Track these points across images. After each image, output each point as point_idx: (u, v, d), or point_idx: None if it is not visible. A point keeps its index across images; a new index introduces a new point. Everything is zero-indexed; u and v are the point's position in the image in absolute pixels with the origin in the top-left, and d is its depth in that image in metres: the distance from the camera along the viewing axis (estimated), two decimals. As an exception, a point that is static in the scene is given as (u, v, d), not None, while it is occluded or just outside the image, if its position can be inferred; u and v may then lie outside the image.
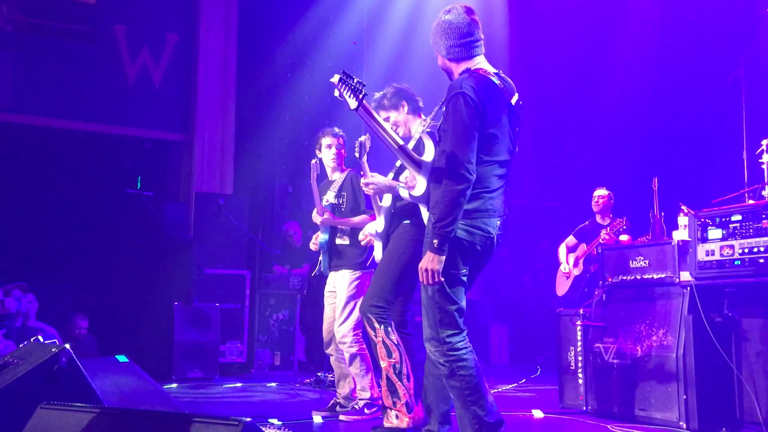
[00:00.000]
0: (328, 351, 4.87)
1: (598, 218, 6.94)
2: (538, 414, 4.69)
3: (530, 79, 8.83)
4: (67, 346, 2.74)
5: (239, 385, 6.56)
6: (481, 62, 3.16)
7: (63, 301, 7.47)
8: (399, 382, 3.73)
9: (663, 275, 4.40)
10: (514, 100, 3.16)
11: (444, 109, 3.14)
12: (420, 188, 3.29)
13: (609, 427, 4.27)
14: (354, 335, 4.57)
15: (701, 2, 7.64)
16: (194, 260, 7.23)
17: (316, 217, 4.76)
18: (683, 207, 4.41)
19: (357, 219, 4.66)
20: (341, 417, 4.61)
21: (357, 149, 3.99)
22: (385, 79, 4.19)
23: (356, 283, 4.64)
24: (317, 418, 4.59)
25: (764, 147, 4.28)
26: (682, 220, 4.41)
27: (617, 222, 6.51)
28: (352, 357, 4.58)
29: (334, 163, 4.89)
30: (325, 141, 4.88)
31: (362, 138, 4.04)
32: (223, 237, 7.61)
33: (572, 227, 7.16)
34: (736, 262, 3.93)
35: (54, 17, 7.88)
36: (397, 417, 3.74)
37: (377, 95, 4.06)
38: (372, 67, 8.86)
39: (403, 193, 3.38)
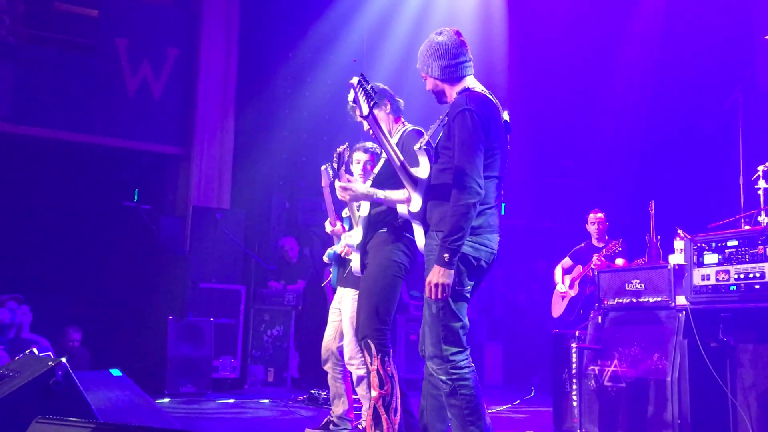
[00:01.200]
0: (325, 368, 4.83)
1: (594, 240, 6.96)
2: (532, 436, 4.68)
3: (528, 100, 8.90)
4: (64, 360, 2.73)
5: (232, 401, 6.53)
6: (471, 81, 3.24)
7: (57, 312, 7.43)
8: (385, 415, 3.65)
9: (658, 299, 4.41)
10: (506, 117, 3.25)
11: (443, 126, 3.18)
12: (416, 205, 3.25)
13: (603, 450, 4.26)
14: (362, 357, 4.52)
15: (699, 28, 7.72)
16: (189, 274, 7.22)
17: (329, 227, 4.73)
18: (679, 231, 4.43)
19: None
20: None
21: (335, 159, 3.98)
22: (384, 97, 4.17)
23: None
24: (310, 436, 4.57)
25: (760, 173, 4.32)
26: (678, 244, 4.44)
27: (612, 244, 6.52)
28: (360, 379, 4.50)
29: (361, 179, 4.85)
30: (356, 156, 4.81)
31: (340, 148, 4.02)
32: (219, 251, 7.61)
33: (568, 248, 7.18)
34: (731, 288, 3.95)
35: (56, 29, 7.92)
36: None
37: None
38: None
39: (401, 209, 3.32)
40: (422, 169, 3.26)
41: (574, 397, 4.87)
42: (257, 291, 7.76)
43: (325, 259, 4.86)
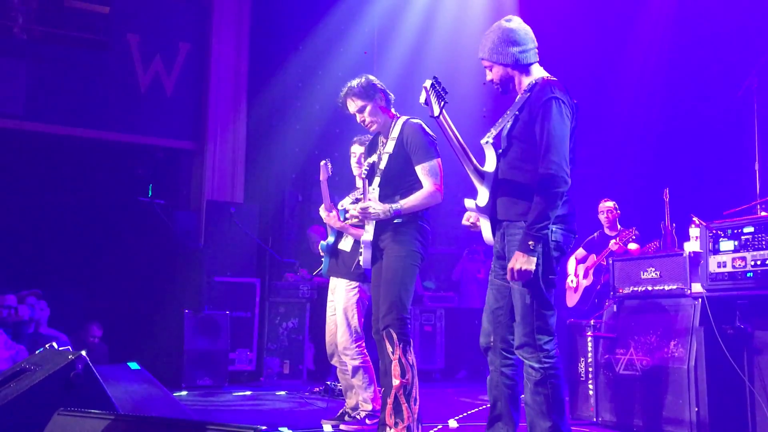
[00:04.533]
0: (332, 362, 4.85)
1: (606, 230, 6.92)
2: (548, 425, 4.67)
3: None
4: (83, 353, 2.76)
5: (248, 393, 6.57)
6: (540, 69, 3.20)
7: (74, 307, 7.51)
8: (406, 404, 3.66)
9: (674, 287, 4.39)
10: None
11: (516, 116, 3.13)
12: (483, 199, 3.23)
13: (620, 438, 4.26)
14: (357, 347, 4.56)
15: (713, 12, 7.64)
16: (205, 268, 7.25)
17: (323, 212, 4.75)
18: (695, 218, 4.40)
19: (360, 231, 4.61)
20: (342, 427, 4.59)
21: (366, 169, 3.95)
22: (395, 89, 4.14)
23: (353, 294, 4.62)
24: (326, 427, 4.59)
25: (776, 159, 4.28)
26: (694, 231, 4.41)
27: (627, 232, 6.47)
28: (355, 369, 4.55)
29: (357, 171, 4.86)
30: (352, 148, 4.82)
31: (372, 158, 3.98)
32: (234, 245, 7.64)
33: (583, 237, 7.14)
34: (748, 274, 3.92)
35: (68, 26, 7.95)
36: None
37: (353, 82, 3.99)
38: (382, 77, 8.84)
39: (469, 204, 3.27)
40: (489, 163, 3.24)
41: (590, 386, 4.87)
42: (272, 284, 7.79)
43: (321, 251, 4.88)
